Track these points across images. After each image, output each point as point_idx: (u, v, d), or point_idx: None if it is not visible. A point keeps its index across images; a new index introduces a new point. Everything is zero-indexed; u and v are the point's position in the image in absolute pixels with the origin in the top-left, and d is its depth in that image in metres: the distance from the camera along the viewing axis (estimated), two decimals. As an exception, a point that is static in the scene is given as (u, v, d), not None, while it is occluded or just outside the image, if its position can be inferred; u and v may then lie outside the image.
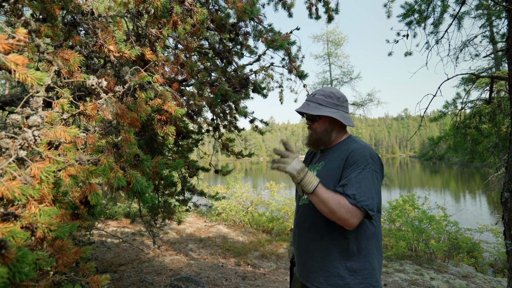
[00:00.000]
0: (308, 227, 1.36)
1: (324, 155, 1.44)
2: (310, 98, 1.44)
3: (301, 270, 1.39)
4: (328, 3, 3.35)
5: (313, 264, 1.32)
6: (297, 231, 1.43)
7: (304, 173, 1.19)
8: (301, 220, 1.41)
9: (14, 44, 0.78)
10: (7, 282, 0.59)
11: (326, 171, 1.34)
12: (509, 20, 2.93)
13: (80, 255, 0.99)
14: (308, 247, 1.35)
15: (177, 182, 3.45)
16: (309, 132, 1.46)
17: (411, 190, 17.43)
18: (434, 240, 6.34)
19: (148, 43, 1.78)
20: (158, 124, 1.46)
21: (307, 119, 1.45)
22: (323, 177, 1.32)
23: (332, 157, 1.37)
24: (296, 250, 1.44)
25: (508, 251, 2.72)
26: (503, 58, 7.91)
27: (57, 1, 1.31)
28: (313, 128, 1.43)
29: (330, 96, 1.40)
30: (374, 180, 1.21)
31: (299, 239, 1.41)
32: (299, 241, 1.42)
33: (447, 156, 5.23)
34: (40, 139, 0.97)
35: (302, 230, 1.39)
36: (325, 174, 1.33)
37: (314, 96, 1.43)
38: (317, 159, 1.49)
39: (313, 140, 1.43)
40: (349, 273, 1.24)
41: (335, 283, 1.24)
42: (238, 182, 10.60)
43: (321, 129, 1.41)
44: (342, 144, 1.40)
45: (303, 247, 1.38)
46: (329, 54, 19.53)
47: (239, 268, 4.94)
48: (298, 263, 1.42)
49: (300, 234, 1.41)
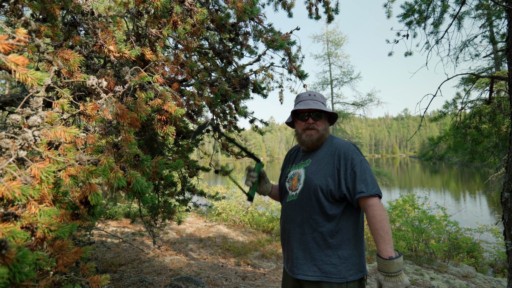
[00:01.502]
0: (299, 222, 1.41)
1: (308, 153, 1.53)
2: (313, 98, 1.50)
3: (292, 264, 1.42)
4: (328, 3, 3.35)
5: (306, 256, 1.37)
6: (287, 227, 1.46)
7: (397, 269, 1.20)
8: (290, 216, 1.45)
9: (14, 44, 0.78)
10: (7, 282, 0.59)
11: (316, 167, 1.43)
12: (509, 20, 2.93)
13: (80, 255, 0.99)
14: (301, 241, 1.39)
15: (177, 182, 3.45)
16: (308, 132, 1.48)
17: (411, 190, 17.43)
18: (434, 240, 6.34)
19: (148, 43, 1.78)
20: (158, 124, 1.45)
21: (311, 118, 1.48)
22: (315, 174, 1.41)
23: (319, 154, 1.47)
24: (287, 246, 1.46)
25: (508, 251, 2.72)
26: (503, 58, 7.91)
27: (57, 1, 1.31)
28: (315, 127, 1.48)
29: (323, 97, 1.55)
30: (369, 168, 1.37)
31: (291, 234, 1.44)
32: (290, 237, 1.44)
33: (447, 156, 5.23)
34: (40, 139, 0.97)
35: (294, 225, 1.43)
36: (315, 170, 1.42)
37: (315, 96, 1.52)
38: (300, 157, 1.56)
39: (315, 140, 1.48)
40: (340, 260, 1.33)
41: (328, 270, 1.32)
42: (238, 182, 10.58)
43: (322, 128, 1.49)
44: (327, 141, 1.52)
45: (295, 241, 1.41)
46: (329, 54, 19.53)
47: (239, 268, 4.94)
48: (290, 258, 1.43)
49: (291, 229, 1.44)
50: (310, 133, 1.48)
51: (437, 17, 4.48)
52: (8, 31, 0.95)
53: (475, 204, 13.42)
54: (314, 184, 1.39)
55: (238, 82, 2.64)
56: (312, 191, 1.39)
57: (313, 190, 1.38)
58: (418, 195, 7.33)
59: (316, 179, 1.39)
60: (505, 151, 4.47)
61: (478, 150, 4.75)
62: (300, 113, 1.52)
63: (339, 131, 18.91)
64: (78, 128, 1.10)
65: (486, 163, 5.20)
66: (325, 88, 19.29)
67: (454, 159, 6.82)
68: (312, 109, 1.45)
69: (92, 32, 1.41)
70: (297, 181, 1.48)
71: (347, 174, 1.34)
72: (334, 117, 1.57)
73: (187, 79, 2.67)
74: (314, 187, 1.38)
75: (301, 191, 1.43)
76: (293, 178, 1.52)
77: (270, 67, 3.13)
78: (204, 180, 15.90)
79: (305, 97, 1.52)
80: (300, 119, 1.52)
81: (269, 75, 3.19)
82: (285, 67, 2.89)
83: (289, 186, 1.52)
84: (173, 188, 3.41)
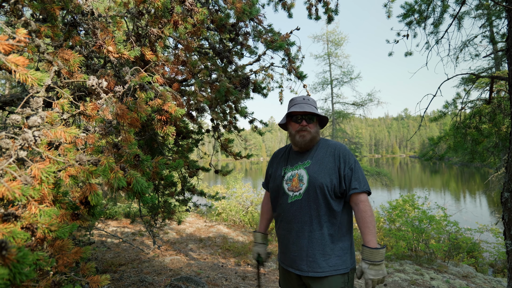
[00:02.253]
0: (308, 220, 1.48)
1: (305, 154, 1.60)
2: (307, 102, 1.60)
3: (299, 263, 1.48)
4: (328, 4, 3.35)
5: (315, 253, 1.44)
6: (294, 226, 1.51)
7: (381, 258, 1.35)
8: (296, 215, 1.51)
9: (15, 44, 0.78)
10: (7, 283, 0.59)
11: (319, 167, 1.52)
12: (509, 20, 2.93)
13: (80, 255, 0.99)
14: (310, 238, 1.46)
15: (177, 182, 3.45)
16: (301, 134, 1.57)
17: (411, 190, 17.44)
18: (434, 240, 6.34)
19: (148, 43, 1.78)
20: (158, 124, 1.46)
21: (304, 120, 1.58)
22: (319, 173, 1.50)
23: (319, 155, 1.57)
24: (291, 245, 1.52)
25: (508, 251, 2.72)
26: (503, 58, 7.91)
27: (57, 1, 1.31)
28: (308, 129, 1.57)
29: (315, 102, 1.64)
30: (361, 168, 1.53)
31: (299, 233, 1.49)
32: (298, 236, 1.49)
33: (447, 156, 5.23)
34: (40, 139, 0.97)
35: (301, 224, 1.49)
36: (318, 170, 1.51)
37: (309, 100, 1.61)
38: (294, 159, 1.63)
39: (308, 140, 1.57)
40: (343, 251, 1.47)
41: (335, 263, 1.43)
42: (238, 182, 10.60)
43: (314, 130, 1.58)
44: (321, 143, 1.62)
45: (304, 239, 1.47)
46: (329, 54, 19.52)
47: (239, 268, 4.94)
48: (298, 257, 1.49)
49: (299, 228, 1.49)
50: (303, 134, 1.57)
51: (437, 17, 4.48)
52: (8, 31, 0.95)
53: (475, 204, 13.42)
54: (319, 183, 1.47)
55: (239, 82, 2.64)
56: (318, 190, 1.47)
57: (319, 189, 1.47)
58: (418, 195, 7.33)
59: (321, 178, 1.48)
60: (505, 151, 4.47)
61: (478, 150, 4.75)
62: (294, 115, 1.61)
63: (339, 131, 18.89)
64: (78, 128, 1.10)
65: (486, 163, 5.20)
66: (325, 88, 19.28)
67: (454, 159, 6.82)
68: (306, 111, 1.54)
69: (92, 32, 1.41)
70: (298, 181, 1.53)
71: (345, 172, 1.49)
72: (324, 121, 1.67)
73: (187, 79, 2.67)
74: (320, 186, 1.47)
75: (306, 191, 1.49)
76: (292, 179, 1.56)
77: (270, 67, 3.13)
78: (204, 180, 15.90)
79: (299, 101, 1.61)
80: (294, 121, 1.61)
81: (269, 75, 3.19)
82: (285, 67, 2.89)
83: (289, 187, 1.55)
84: (173, 188, 3.41)
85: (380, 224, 7.98)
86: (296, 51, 3.01)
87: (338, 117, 18.07)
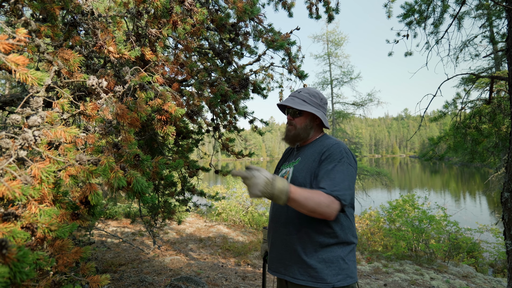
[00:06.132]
0: (284, 221, 1.36)
1: (300, 151, 1.48)
2: (295, 94, 1.49)
3: (277, 265, 1.38)
4: (328, 3, 3.35)
5: (291, 258, 1.31)
6: (273, 225, 1.42)
7: (270, 187, 1.10)
8: (276, 214, 1.41)
9: (15, 44, 0.78)
10: (7, 282, 0.59)
11: (303, 165, 1.37)
12: (509, 20, 2.93)
13: (80, 255, 0.99)
14: (285, 241, 1.34)
15: (177, 182, 3.45)
16: (288, 128, 1.49)
17: (411, 190, 17.43)
18: (434, 240, 6.34)
19: (148, 43, 1.78)
20: (158, 124, 1.45)
21: (289, 114, 1.49)
22: (300, 171, 1.36)
23: (308, 152, 1.41)
24: (271, 246, 1.43)
25: (508, 251, 2.72)
26: (503, 58, 7.91)
27: (57, 1, 1.31)
28: (293, 123, 1.47)
29: (315, 95, 1.47)
30: (348, 173, 1.24)
31: (275, 233, 1.40)
32: (274, 236, 1.41)
33: (447, 156, 5.23)
34: (40, 139, 0.97)
35: (279, 224, 1.38)
36: (301, 169, 1.36)
37: (299, 93, 1.48)
38: (293, 156, 1.52)
39: (291, 136, 1.47)
40: (326, 264, 1.24)
41: (311, 275, 1.24)
42: (238, 182, 10.60)
43: (300, 125, 1.45)
44: (318, 141, 1.45)
45: (279, 241, 1.37)
46: (329, 54, 19.51)
47: (239, 268, 4.94)
48: (276, 258, 1.39)
49: (275, 228, 1.40)
50: (288, 129, 1.48)
51: (437, 17, 4.48)
52: (8, 31, 0.95)
53: (475, 204, 13.42)
54: (298, 182, 1.33)
55: (238, 83, 2.64)
56: None
57: None
58: (418, 195, 7.33)
59: (300, 177, 1.34)
60: (505, 151, 4.47)
61: (478, 150, 4.75)
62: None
63: (339, 131, 18.89)
64: (78, 128, 1.10)
65: (486, 163, 5.20)
66: (325, 88, 19.27)
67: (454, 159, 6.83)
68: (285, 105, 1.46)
69: (92, 32, 1.41)
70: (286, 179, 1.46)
71: (321, 167, 1.27)
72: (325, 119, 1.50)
73: (187, 79, 2.67)
74: (298, 185, 1.29)
75: None
76: (283, 177, 1.48)
77: (270, 67, 3.13)
78: (204, 180, 15.89)
79: (292, 93, 1.52)
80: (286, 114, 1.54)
81: (269, 75, 3.19)
82: (285, 67, 2.89)
83: None
84: (173, 188, 3.41)
85: (380, 224, 7.98)
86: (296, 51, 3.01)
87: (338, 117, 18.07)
